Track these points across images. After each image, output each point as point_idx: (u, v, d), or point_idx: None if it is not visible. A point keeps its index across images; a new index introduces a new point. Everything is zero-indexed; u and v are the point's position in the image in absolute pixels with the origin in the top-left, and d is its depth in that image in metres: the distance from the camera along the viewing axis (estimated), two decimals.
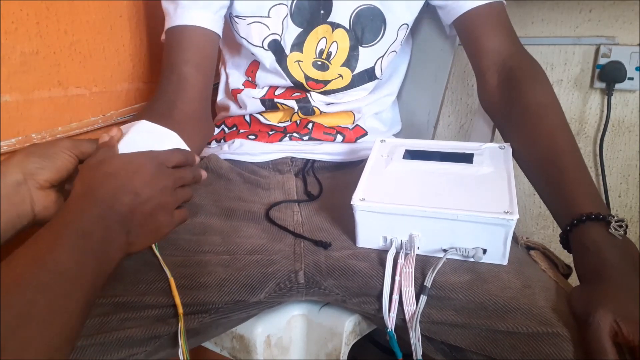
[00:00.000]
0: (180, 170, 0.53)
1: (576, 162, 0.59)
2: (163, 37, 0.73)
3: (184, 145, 0.65)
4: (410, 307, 0.51)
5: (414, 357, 0.50)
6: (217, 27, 0.72)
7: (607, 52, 1.06)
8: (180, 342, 0.49)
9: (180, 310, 0.50)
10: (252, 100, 0.80)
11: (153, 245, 0.58)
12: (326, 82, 0.77)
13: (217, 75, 0.86)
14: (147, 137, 0.61)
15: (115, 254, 0.44)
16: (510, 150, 0.63)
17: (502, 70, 0.71)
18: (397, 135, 0.89)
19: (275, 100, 0.79)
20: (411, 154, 0.63)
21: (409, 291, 0.51)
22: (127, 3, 0.81)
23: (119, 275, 0.53)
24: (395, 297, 0.52)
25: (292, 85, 0.78)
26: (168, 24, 0.71)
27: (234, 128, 0.84)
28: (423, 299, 0.50)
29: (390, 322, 0.52)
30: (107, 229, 0.43)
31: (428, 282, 0.51)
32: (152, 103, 0.70)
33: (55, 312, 0.37)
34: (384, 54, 0.78)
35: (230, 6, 0.73)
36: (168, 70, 0.70)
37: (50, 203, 0.51)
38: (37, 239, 0.41)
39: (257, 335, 0.58)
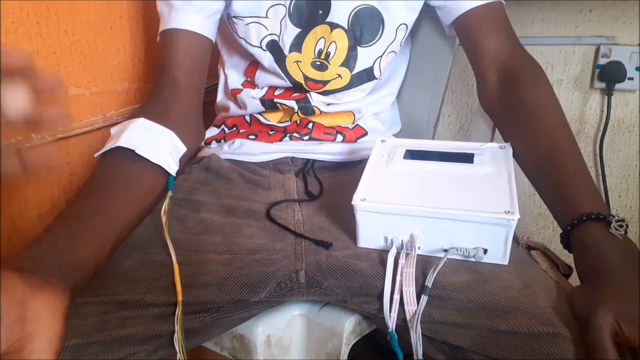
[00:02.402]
0: None
1: (576, 161, 0.59)
2: (158, 38, 0.73)
3: (180, 143, 0.67)
4: (411, 307, 0.51)
5: (415, 357, 0.50)
6: (210, 32, 0.73)
7: (607, 52, 1.06)
8: (177, 327, 0.48)
9: (180, 297, 0.49)
10: (251, 101, 0.80)
11: (164, 226, 0.58)
12: (325, 82, 0.77)
13: (216, 77, 0.87)
14: (145, 133, 0.62)
15: None
16: (510, 150, 0.63)
17: (502, 70, 0.71)
18: (397, 135, 0.89)
19: (275, 100, 0.79)
20: (412, 154, 0.63)
21: (409, 291, 0.51)
22: (127, 3, 0.81)
23: (119, 274, 0.53)
24: (396, 297, 0.52)
25: (291, 85, 0.78)
26: (162, 26, 0.72)
27: (234, 128, 0.84)
28: (424, 299, 0.50)
29: (391, 322, 0.52)
30: None
31: (429, 282, 0.51)
32: (147, 102, 0.71)
33: None
34: (383, 54, 0.78)
35: (228, 7, 0.73)
36: (162, 72, 0.72)
37: None
38: None
39: (257, 335, 0.58)
